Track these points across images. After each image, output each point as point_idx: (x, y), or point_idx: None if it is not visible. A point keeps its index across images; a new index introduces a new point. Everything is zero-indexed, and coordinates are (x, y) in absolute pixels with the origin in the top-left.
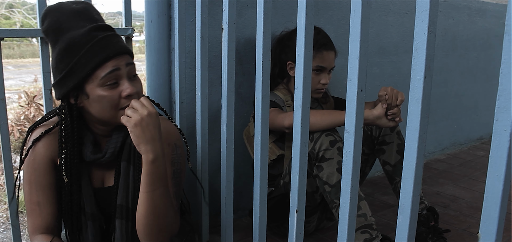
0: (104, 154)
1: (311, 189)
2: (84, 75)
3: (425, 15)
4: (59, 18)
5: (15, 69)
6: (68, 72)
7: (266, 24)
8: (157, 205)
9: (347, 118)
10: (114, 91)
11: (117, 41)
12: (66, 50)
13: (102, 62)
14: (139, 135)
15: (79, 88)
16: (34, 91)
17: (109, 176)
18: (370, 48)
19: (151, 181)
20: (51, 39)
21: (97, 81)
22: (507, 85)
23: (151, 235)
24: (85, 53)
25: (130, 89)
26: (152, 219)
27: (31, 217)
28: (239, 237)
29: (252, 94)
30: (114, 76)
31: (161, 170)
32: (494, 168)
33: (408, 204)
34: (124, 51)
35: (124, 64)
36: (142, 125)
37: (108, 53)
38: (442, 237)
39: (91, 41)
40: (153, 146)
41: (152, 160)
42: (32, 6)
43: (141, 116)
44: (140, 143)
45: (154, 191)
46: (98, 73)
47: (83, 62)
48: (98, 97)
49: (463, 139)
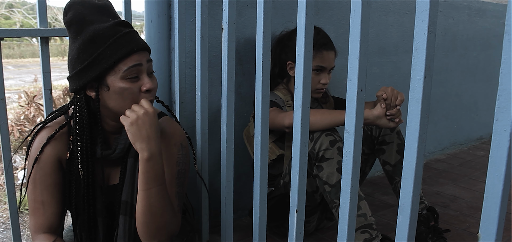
0: (114, 150)
1: (311, 189)
2: (108, 66)
3: (425, 15)
4: (83, 11)
5: (15, 69)
6: (91, 62)
7: (266, 24)
8: (152, 203)
9: (347, 118)
10: (134, 84)
11: (139, 38)
12: (91, 41)
13: (127, 55)
14: (134, 134)
15: (100, 80)
16: (34, 91)
17: (113, 174)
18: (370, 48)
19: (147, 179)
20: (74, 30)
21: (120, 74)
22: (507, 85)
23: (149, 234)
24: (110, 44)
25: (150, 84)
26: (149, 217)
27: (34, 216)
28: (239, 237)
29: (252, 94)
30: (136, 70)
31: (157, 169)
32: (494, 168)
33: (408, 204)
34: (146, 47)
35: (145, 60)
36: (138, 124)
37: (132, 47)
38: (442, 237)
39: (116, 34)
40: (148, 144)
41: (147, 158)
42: (32, 6)
43: (137, 114)
44: (136, 141)
45: (149, 190)
46: (121, 66)
47: (108, 53)
48: (120, 88)
49: (463, 139)
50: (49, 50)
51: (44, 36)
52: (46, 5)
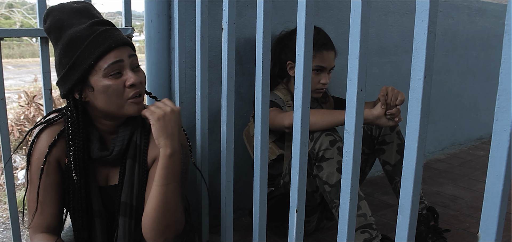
0: (111, 151)
1: (311, 189)
2: (87, 66)
3: (425, 15)
4: (61, 17)
5: (15, 69)
6: (71, 66)
7: (266, 24)
8: (168, 199)
9: (347, 118)
10: (118, 81)
11: (117, 34)
12: (69, 45)
13: (104, 53)
14: (160, 129)
15: (83, 82)
16: (34, 91)
17: (113, 175)
18: (370, 48)
19: (166, 174)
20: (54, 37)
21: (101, 72)
22: (507, 85)
23: (158, 230)
24: (87, 45)
25: (133, 78)
26: (162, 213)
27: (32, 216)
28: (239, 237)
29: (252, 94)
30: (117, 67)
31: (177, 166)
32: (494, 168)
33: (408, 204)
34: (125, 42)
35: (126, 56)
36: (165, 120)
37: (109, 44)
38: (442, 237)
39: (92, 34)
40: (172, 141)
41: (169, 154)
42: (32, 6)
43: (164, 111)
44: (160, 137)
45: (167, 185)
46: (101, 64)
47: (86, 54)
48: (103, 87)
49: (463, 139)
50: (49, 50)
51: (44, 36)
52: (46, 5)
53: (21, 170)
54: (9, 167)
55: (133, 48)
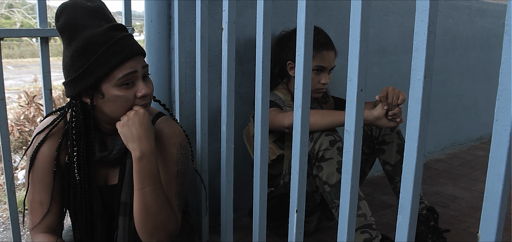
0: (111, 152)
1: (311, 189)
2: (102, 74)
3: (425, 15)
4: (75, 16)
5: (15, 69)
6: (85, 70)
7: (266, 24)
8: (148, 202)
9: (347, 118)
10: (129, 91)
11: (133, 42)
12: (84, 48)
13: (121, 63)
14: (125, 134)
15: (94, 87)
16: (34, 91)
17: (112, 175)
18: (370, 48)
19: (140, 178)
20: (67, 36)
21: (114, 81)
22: (507, 85)
23: (147, 233)
24: (104, 52)
25: (145, 89)
26: (145, 216)
27: (33, 216)
28: (239, 237)
29: (252, 94)
30: (131, 77)
31: (150, 168)
32: (494, 168)
33: (408, 204)
34: (140, 52)
35: (140, 66)
36: (128, 125)
37: (126, 54)
38: (442, 237)
39: (109, 40)
40: (139, 144)
41: (138, 157)
42: (32, 6)
43: (128, 116)
44: (128, 142)
45: (143, 189)
46: (116, 74)
47: (102, 61)
48: (114, 97)
49: (463, 139)
50: (49, 50)
51: (44, 36)
52: (46, 5)
53: (21, 170)
54: (9, 167)
55: (145, 55)
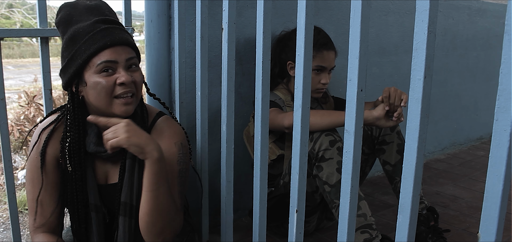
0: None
1: (311, 189)
2: (82, 62)
3: (425, 15)
4: (71, 13)
5: (15, 69)
6: (70, 60)
7: (266, 24)
8: (161, 202)
9: (347, 118)
10: (109, 78)
11: (117, 33)
12: (71, 39)
13: (99, 50)
14: (137, 144)
15: (78, 76)
16: (34, 91)
17: (113, 173)
18: (370, 48)
19: (157, 180)
20: (61, 30)
21: (94, 68)
22: (507, 85)
23: (154, 233)
24: (85, 41)
25: (125, 77)
26: (156, 217)
27: (32, 216)
28: (239, 237)
29: (252, 94)
30: (109, 65)
31: (165, 169)
32: (494, 168)
33: (408, 204)
34: (124, 42)
35: (123, 57)
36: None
37: (105, 42)
38: (442, 237)
39: (93, 30)
40: (154, 145)
41: (157, 158)
42: (32, 6)
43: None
44: (143, 148)
45: (158, 189)
46: (95, 60)
47: (83, 49)
48: (94, 83)
49: (463, 139)
50: (49, 50)
51: (44, 36)
52: (46, 5)
53: (21, 170)
54: (9, 167)
55: (135, 48)
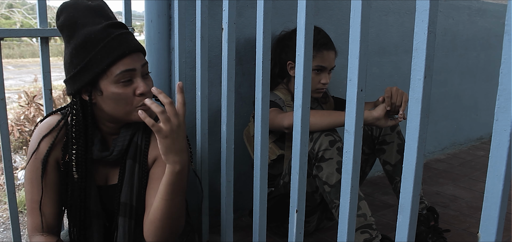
0: (111, 152)
1: (311, 189)
2: (100, 70)
3: (425, 15)
4: (75, 14)
5: (15, 69)
6: (83, 67)
7: (266, 24)
8: (173, 212)
9: (347, 118)
10: (128, 88)
11: (132, 39)
12: (82, 45)
13: (118, 59)
14: (169, 146)
15: (93, 84)
16: (34, 91)
17: (112, 174)
18: (370, 48)
19: (173, 190)
20: (66, 34)
21: (112, 78)
22: (507, 85)
23: (162, 238)
24: (101, 48)
25: (143, 87)
26: (167, 223)
27: (31, 217)
28: (239, 237)
29: (252, 94)
30: (128, 75)
31: (184, 181)
32: (494, 168)
33: (408, 204)
34: (139, 49)
35: (139, 64)
36: (173, 137)
37: (123, 50)
38: (442, 237)
39: (107, 37)
40: (181, 158)
41: (178, 171)
42: (32, 6)
43: (172, 128)
44: (169, 154)
45: (173, 199)
46: (113, 70)
47: (99, 57)
48: (113, 94)
49: (463, 139)
50: (49, 50)
51: (44, 36)
52: (46, 5)
53: (21, 170)
54: (9, 167)
55: (145, 53)
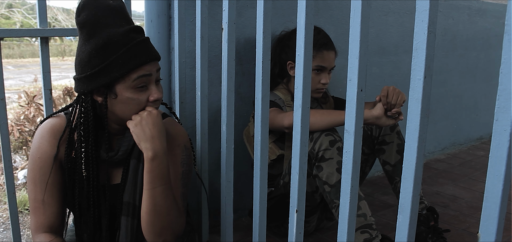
0: (117, 152)
1: (311, 189)
2: (119, 75)
3: (425, 15)
4: (97, 12)
5: (15, 69)
6: (102, 69)
7: (266, 24)
8: (157, 202)
9: (347, 118)
10: (142, 94)
11: (151, 47)
12: (103, 47)
13: (139, 66)
14: (138, 134)
15: (109, 87)
16: (34, 91)
17: (115, 174)
18: (370, 48)
19: (152, 178)
20: (87, 32)
21: (129, 83)
22: (507, 85)
23: (154, 233)
24: (123, 53)
25: (157, 94)
26: (154, 216)
27: (34, 216)
28: (239, 237)
29: (252, 94)
30: (145, 80)
31: (161, 168)
32: (494, 168)
33: (408, 204)
34: (157, 57)
35: (155, 70)
36: (141, 124)
37: (145, 58)
38: (442, 237)
39: (129, 43)
40: (152, 144)
41: (151, 157)
42: (32, 6)
43: (141, 116)
44: (140, 141)
45: (154, 189)
46: (132, 75)
47: (120, 62)
48: (127, 99)
49: (463, 139)
50: (49, 50)
51: (44, 36)
52: (46, 5)
53: (21, 170)
54: (9, 167)
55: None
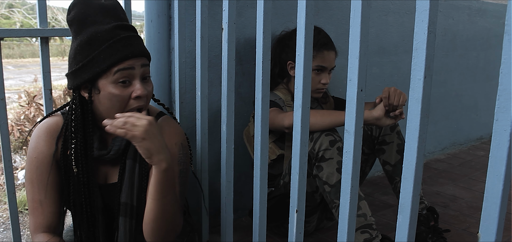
0: (109, 151)
1: (311, 189)
2: (100, 70)
3: (425, 15)
4: (86, 11)
5: (15, 69)
6: (85, 65)
7: (266, 24)
8: (167, 210)
9: (347, 118)
10: (125, 90)
11: (138, 43)
12: (87, 42)
13: (120, 61)
14: (149, 148)
15: (92, 82)
16: (34, 91)
17: (112, 173)
18: (370, 48)
19: (162, 189)
20: (74, 29)
21: (111, 77)
22: (507, 85)
23: (160, 236)
24: (106, 48)
25: (140, 90)
26: (162, 223)
27: (33, 216)
28: (239, 237)
29: (252, 94)
30: (127, 74)
31: (173, 177)
32: (494, 168)
33: (408, 204)
34: (143, 53)
35: (139, 65)
36: (149, 137)
37: (127, 53)
38: (442, 237)
39: (113, 38)
40: (165, 154)
41: (165, 169)
42: (32, 6)
43: (145, 127)
44: (152, 155)
45: (164, 198)
46: (112, 69)
47: (102, 57)
48: (109, 94)
49: (463, 139)
50: (49, 50)
51: (44, 36)
52: (46, 5)
53: (21, 170)
54: (9, 167)
55: (149, 58)
